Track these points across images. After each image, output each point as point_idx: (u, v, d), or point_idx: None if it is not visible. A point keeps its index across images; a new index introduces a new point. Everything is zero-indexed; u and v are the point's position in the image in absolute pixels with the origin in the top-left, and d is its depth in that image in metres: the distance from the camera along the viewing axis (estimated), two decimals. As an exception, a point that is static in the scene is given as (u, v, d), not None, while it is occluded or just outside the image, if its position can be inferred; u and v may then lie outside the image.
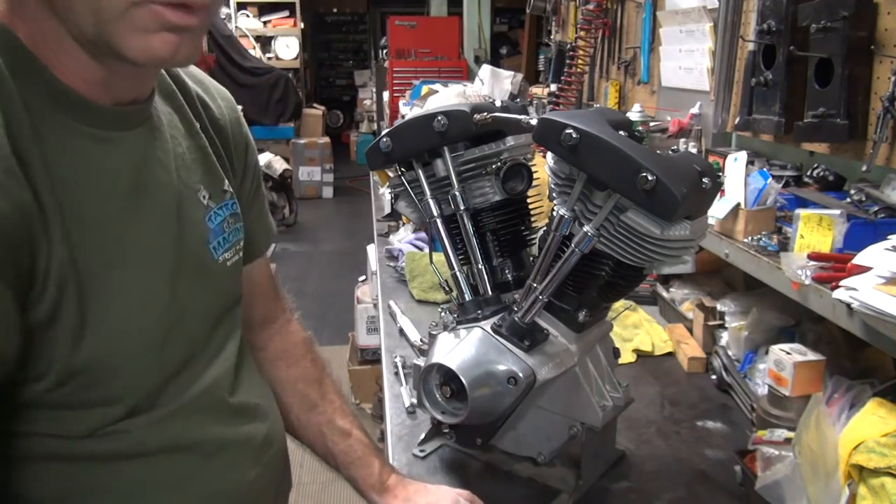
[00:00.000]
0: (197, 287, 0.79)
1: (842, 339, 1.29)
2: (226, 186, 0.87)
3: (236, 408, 0.86)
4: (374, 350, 3.15)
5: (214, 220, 0.83)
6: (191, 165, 0.81)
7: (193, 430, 0.80)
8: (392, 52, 5.96)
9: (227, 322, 0.87)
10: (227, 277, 0.86)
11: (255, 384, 0.93)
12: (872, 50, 1.20)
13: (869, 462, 0.84)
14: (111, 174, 0.70)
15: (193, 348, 0.80)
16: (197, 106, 0.86)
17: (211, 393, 0.82)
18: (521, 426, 1.08)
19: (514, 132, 1.10)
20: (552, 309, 1.03)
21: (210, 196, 0.83)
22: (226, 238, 0.85)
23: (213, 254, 0.83)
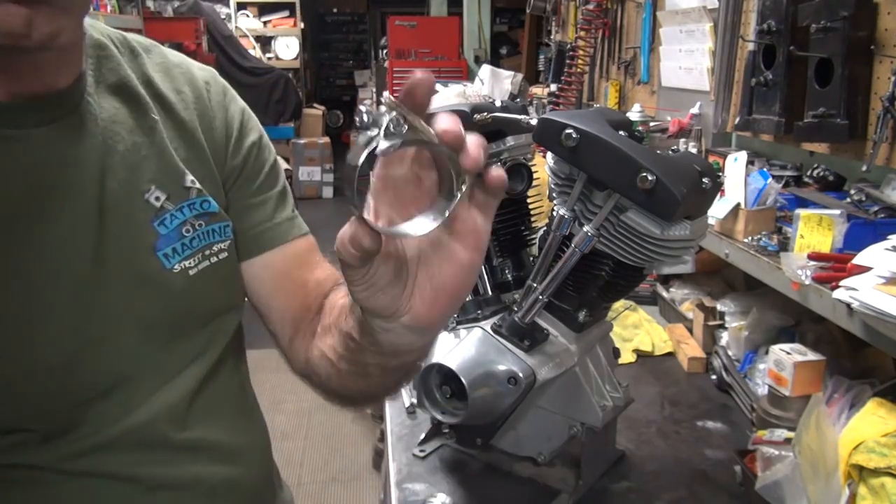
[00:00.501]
0: (133, 300, 0.71)
1: (842, 339, 1.29)
2: (188, 183, 0.76)
3: (185, 444, 0.75)
4: (374, 350, 3.14)
5: (170, 223, 0.74)
6: (138, 163, 0.73)
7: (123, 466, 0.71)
8: (392, 52, 5.96)
9: (195, 341, 0.77)
10: (187, 288, 0.75)
11: (228, 418, 0.80)
12: (872, 50, 1.20)
13: (869, 462, 0.84)
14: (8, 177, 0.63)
15: (125, 370, 0.71)
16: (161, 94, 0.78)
17: (149, 428, 0.72)
18: (521, 426, 1.08)
19: (514, 132, 1.09)
20: (552, 309, 1.03)
21: (168, 196, 0.74)
22: (186, 244, 0.75)
23: (164, 262, 0.73)
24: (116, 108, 0.73)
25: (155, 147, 0.75)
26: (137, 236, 0.72)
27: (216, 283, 0.78)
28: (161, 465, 0.73)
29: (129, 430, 0.70)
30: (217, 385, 0.80)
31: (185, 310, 0.76)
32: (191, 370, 0.76)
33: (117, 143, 0.71)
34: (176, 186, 0.75)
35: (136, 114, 0.75)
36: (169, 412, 0.74)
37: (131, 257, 0.71)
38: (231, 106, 0.85)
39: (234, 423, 0.82)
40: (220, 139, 0.82)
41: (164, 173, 0.75)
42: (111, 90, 0.73)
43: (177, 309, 0.75)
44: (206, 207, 0.78)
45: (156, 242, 0.73)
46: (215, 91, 0.84)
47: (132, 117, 0.74)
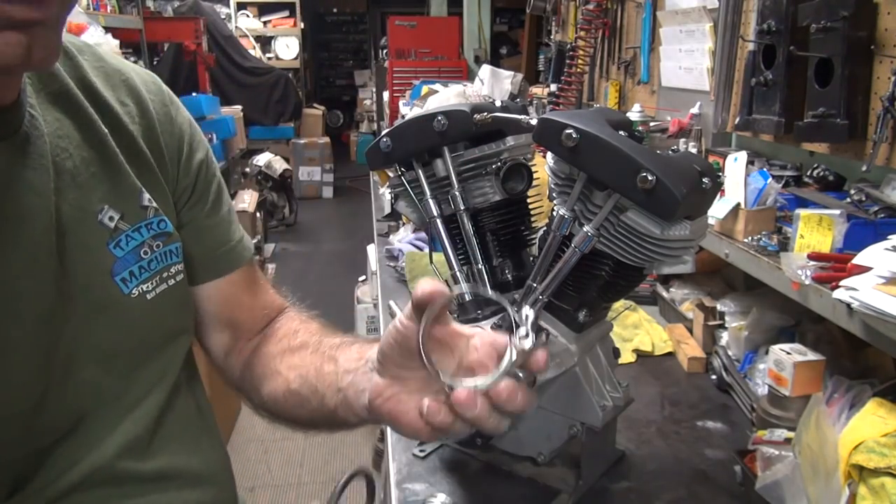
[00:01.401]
0: (96, 330, 0.67)
1: (842, 339, 1.29)
2: (145, 202, 0.72)
3: (154, 474, 0.72)
4: (374, 350, 3.14)
5: (126, 245, 0.69)
6: (88, 182, 0.67)
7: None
8: (392, 52, 5.96)
9: (151, 368, 0.73)
10: (147, 314, 0.71)
11: (193, 441, 0.78)
12: (872, 50, 1.20)
13: (869, 462, 0.84)
14: None
15: (91, 404, 0.67)
16: (107, 106, 0.72)
17: (117, 462, 0.68)
18: (521, 426, 1.08)
19: (514, 132, 1.09)
20: (552, 309, 1.03)
21: (122, 216, 0.69)
22: (143, 266, 0.71)
23: (123, 287, 0.69)
24: (59, 120, 0.67)
25: (107, 163, 0.69)
26: (93, 262, 0.67)
27: (172, 306, 0.75)
28: (131, 498, 0.70)
29: (95, 467, 0.67)
30: (177, 410, 0.77)
31: (144, 336, 0.72)
32: (151, 398, 0.73)
33: (65, 161, 0.66)
34: (132, 205, 0.71)
35: (82, 125, 0.69)
36: (133, 443, 0.70)
37: (89, 284, 0.67)
38: (177, 118, 0.80)
39: (196, 447, 0.79)
40: (171, 156, 0.78)
41: (118, 192, 0.70)
42: (52, 99, 0.67)
43: (136, 336, 0.71)
44: (163, 227, 0.74)
45: (113, 266, 0.68)
46: (159, 102, 0.78)
47: (77, 130, 0.68)
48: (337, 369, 0.75)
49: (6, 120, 0.61)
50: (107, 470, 0.68)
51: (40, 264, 0.62)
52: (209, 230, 0.83)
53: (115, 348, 0.69)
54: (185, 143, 0.80)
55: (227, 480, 0.82)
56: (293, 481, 2.91)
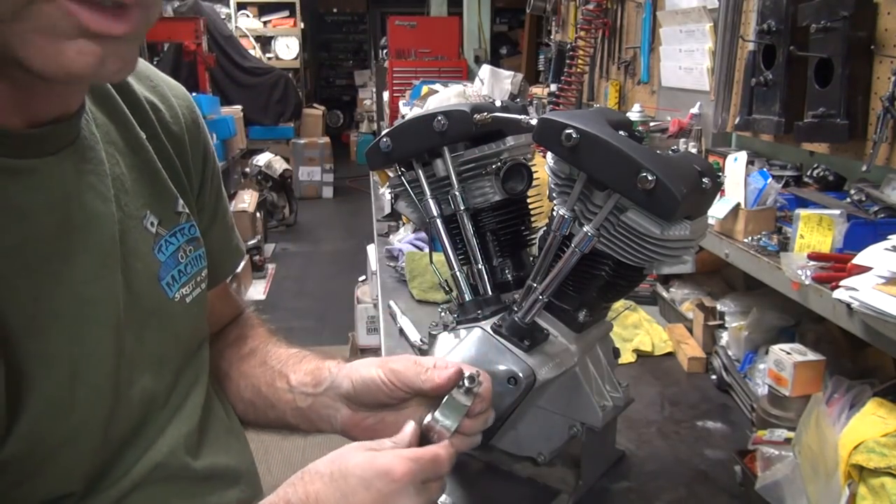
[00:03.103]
0: (149, 336, 0.67)
1: (842, 339, 1.29)
2: (180, 207, 0.73)
3: (203, 473, 0.73)
4: (375, 350, 3.14)
5: (166, 250, 0.70)
6: (133, 187, 0.67)
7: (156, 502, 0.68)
8: (392, 52, 5.96)
9: (190, 371, 0.74)
10: (186, 318, 0.72)
11: (225, 440, 0.79)
12: (872, 50, 1.20)
13: (869, 462, 0.84)
14: (30, 213, 0.56)
15: (148, 409, 0.68)
16: (144, 111, 0.72)
17: (171, 460, 0.69)
18: (521, 426, 1.08)
19: (514, 132, 1.09)
20: (552, 309, 1.03)
21: (160, 222, 0.70)
22: (182, 270, 0.71)
23: (167, 291, 0.69)
24: (106, 124, 0.67)
25: (147, 168, 0.70)
26: (145, 267, 0.68)
27: (203, 309, 0.76)
28: (186, 496, 0.71)
29: (154, 464, 0.68)
30: (214, 412, 0.79)
31: (186, 340, 0.74)
32: (192, 400, 0.74)
33: (115, 166, 0.66)
34: (168, 211, 0.71)
35: (123, 129, 0.68)
36: (184, 442, 0.71)
37: (144, 289, 0.67)
38: (202, 128, 0.81)
39: (233, 447, 0.80)
40: (196, 165, 0.79)
41: (158, 197, 0.70)
42: (98, 101, 0.66)
43: (180, 340, 0.73)
44: (193, 233, 0.74)
45: (159, 271, 0.69)
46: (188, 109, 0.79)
47: (119, 133, 0.68)
48: (290, 388, 0.81)
49: (72, 126, 0.61)
50: (164, 467, 0.68)
51: (108, 270, 0.63)
52: (216, 238, 0.84)
53: (164, 354, 0.70)
54: (208, 154, 0.81)
55: (257, 479, 0.83)
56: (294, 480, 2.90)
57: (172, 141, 0.75)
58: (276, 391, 0.83)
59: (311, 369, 0.82)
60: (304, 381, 0.81)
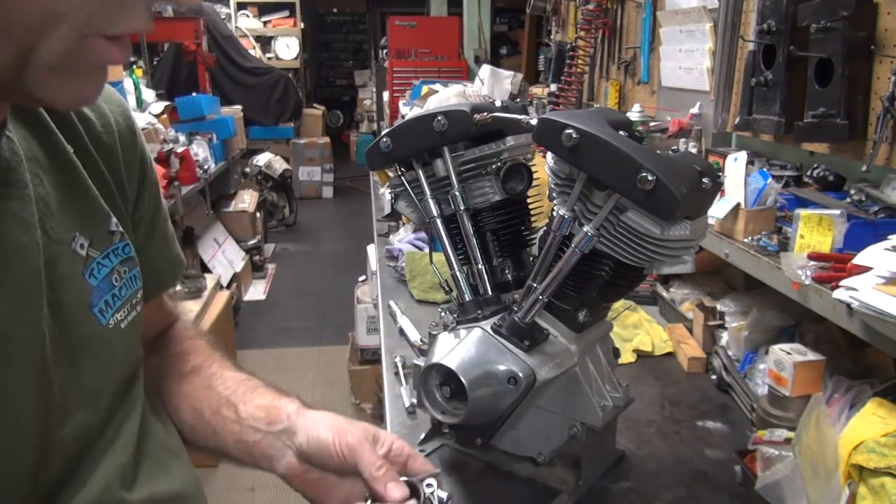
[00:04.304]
0: (83, 368, 0.62)
1: (842, 339, 1.29)
2: (112, 226, 0.67)
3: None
4: (374, 350, 3.15)
5: (98, 273, 0.64)
6: (59, 208, 0.61)
7: None
8: (392, 52, 5.96)
9: (125, 401, 0.69)
10: (121, 344, 0.67)
11: (165, 463, 0.74)
12: (872, 50, 1.20)
13: (869, 462, 0.84)
14: None
15: (83, 447, 0.63)
16: (71, 122, 0.66)
17: (105, 497, 0.64)
18: (521, 426, 1.08)
19: (514, 132, 1.09)
20: (552, 309, 1.03)
21: (91, 243, 0.63)
22: (116, 294, 0.66)
23: (101, 318, 0.64)
24: (28, 140, 0.60)
25: (74, 186, 0.64)
26: (75, 295, 0.62)
27: (138, 332, 0.72)
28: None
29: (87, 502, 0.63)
30: (151, 435, 0.74)
31: (121, 368, 0.69)
32: (127, 429, 0.69)
33: (38, 187, 0.59)
34: (100, 231, 0.65)
35: (45, 143, 0.62)
36: (119, 475, 0.66)
37: (73, 321, 0.61)
38: (138, 134, 0.75)
39: (174, 469, 0.75)
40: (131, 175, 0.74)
41: (88, 217, 0.65)
42: (17, 115, 0.60)
43: (116, 370, 0.68)
44: (128, 252, 0.69)
45: (91, 297, 0.63)
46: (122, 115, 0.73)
47: (43, 150, 0.62)
48: (238, 419, 0.77)
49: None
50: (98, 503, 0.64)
51: (31, 305, 0.57)
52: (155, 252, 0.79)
53: (99, 385, 0.65)
54: (144, 162, 0.76)
55: (202, 498, 0.78)
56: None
57: (103, 152, 0.69)
58: (222, 419, 0.78)
59: (267, 405, 0.77)
60: (255, 416, 0.77)
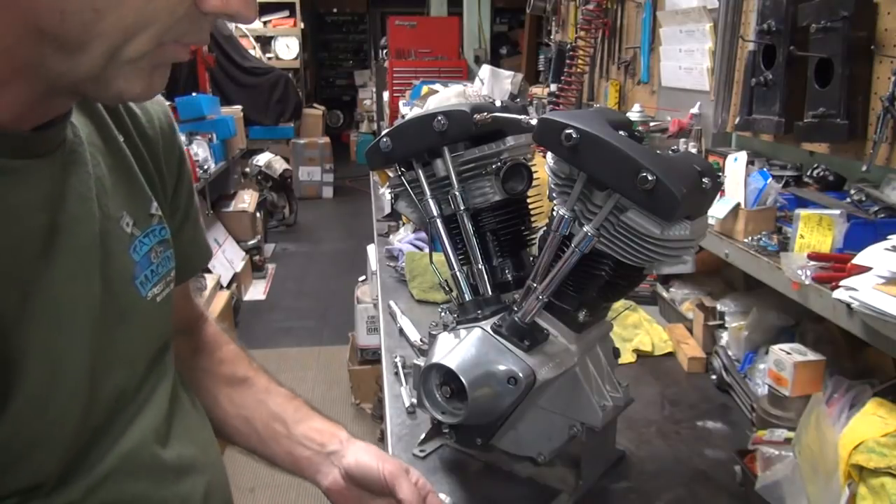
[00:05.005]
0: (124, 333, 0.69)
1: (842, 339, 1.29)
2: (153, 210, 0.75)
3: (171, 463, 0.75)
4: (374, 350, 3.15)
5: (140, 250, 0.72)
6: (112, 189, 0.69)
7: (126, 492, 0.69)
8: (392, 52, 5.96)
9: (158, 367, 0.77)
10: (157, 316, 0.75)
11: (191, 432, 0.81)
12: (872, 50, 1.20)
13: (869, 462, 0.84)
14: (20, 214, 0.58)
15: (118, 404, 0.70)
16: (121, 114, 0.74)
17: (141, 450, 0.71)
18: (521, 426, 1.08)
19: (514, 132, 1.09)
20: (552, 309, 1.03)
21: (135, 223, 0.71)
22: (154, 270, 0.74)
23: (140, 290, 0.71)
24: (87, 126, 0.69)
25: (124, 171, 0.72)
26: (121, 267, 0.69)
27: (171, 308, 0.79)
28: (156, 485, 0.72)
29: (124, 455, 0.69)
30: (181, 404, 0.82)
31: (156, 338, 0.76)
32: (160, 394, 0.76)
33: (96, 167, 0.67)
34: (143, 213, 0.73)
35: (102, 132, 0.70)
36: (153, 432, 0.73)
37: (121, 288, 0.69)
38: (176, 132, 0.83)
39: (200, 439, 0.83)
40: (170, 169, 0.82)
41: (134, 199, 0.72)
42: (78, 105, 0.67)
43: (151, 338, 0.75)
44: (164, 234, 0.76)
45: (133, 270, 0.71)
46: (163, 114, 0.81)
47: (99, 136, 0.70)
48: (289, 434, 0.89)
49: (61, 129, 0.63)
50: (134, 457, 0.70)
51: (88, 270, 0.64)
52: (187, 237, 0.86)
53: (135, 351, 0.72)
54: (182, 158, 0.84)
55: (222, 468, 0.86)
56: (293, 481, 2.90)
57: (147, 145, 0.77)
58: (274, 433, 0.90)
59: (322, 430, 0.89)
60: (309, 437, 0.89)
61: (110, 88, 0.56)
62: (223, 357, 0.95)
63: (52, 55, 0.53)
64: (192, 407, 0.85)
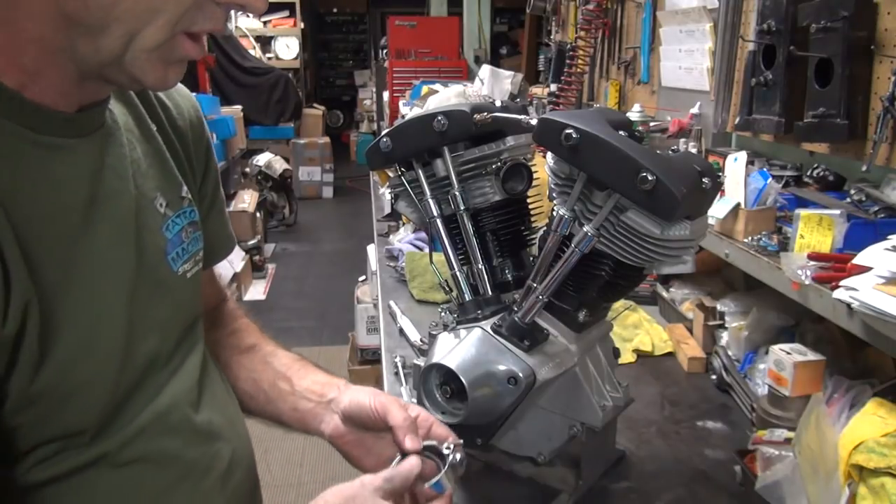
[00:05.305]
0: (156, 301, 0.76)
1: (842, 339, 1.29)
2: (184, 193, 0.82)
3: (202, 426, 0.81)
4: (374, 350, 3.15)
5: (172, 229, 0.79)
6: (147, 171, 0.77)
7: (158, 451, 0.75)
8: (392, 52, 5.96)
9: (189, 337, 0.84)
10: (187, 290, 0.81)
11: (220, 401, 0.87)
12: (872, 50, 1.20)
13: (869, 462, 0.84)
14: (66, 185, 0.66)
15: (151, 367, 0.76)
16: (154, 107, 0.82)
17: (173, 412, 0.77)
18: (521, 426, 1.08)
19: (514, 132, 1.09)
20: (552, 309, 1.03)
21: (167, 204, 0.79)
22: (185, 248, 0.81)
23: (172, 265, 0.78)
24: (125, 115, 0.76)
25: (158, 156, 0.79)
26: (155, 242, 0.76)
27: (199, 285, 0.86)
28: (187, 445, 0.78)
29: (158, 414, 0.75)
30: (210, 374, 0.87)
31: (186, 309, 0.83)
32: (191, 362, 0.83)
33: (133, 151, 0.75)
34: (175, 195, 0.80)
35: (137, 120, 0.78)
36: (186, 395, 0.80)
37: (154, 261, 0.76)
38: (204, 127, 0.91)
39: (228, 407, 0.89)
40: (199, 158, 0.89)
41: (166, 182, 0.79)
42: (117, 95, 0.76)
43: (182, 309, 0.81)
44: (194, 217, 0.83)
45: (166, 247, 0.78)
46: (192, 108, 0.89)
47: (135, 124, 0.77)
48: (293, 391, 0.92)
49: (101, 113, 0.71)
50: (166, 418, 0.76)
51: (123, 239, 0.71)
52: (213, 225, 0.92)
53: (167, 319, 0.78)
54: (209, 151, 0.91)
55: (248, 440, 0.91)
56: (293, 481, 2.91)
57: (178, 135, 0.84)
58: (279, 391, 0.93)
59: (322, 381, 0.93)
60: (310, 389, 0.92)
61: (129, 73, 0.63)
62: (235, 328, 1.00)
63: (79, 39, 0.61)
64: (220, 381, 0.91)
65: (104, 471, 0.71)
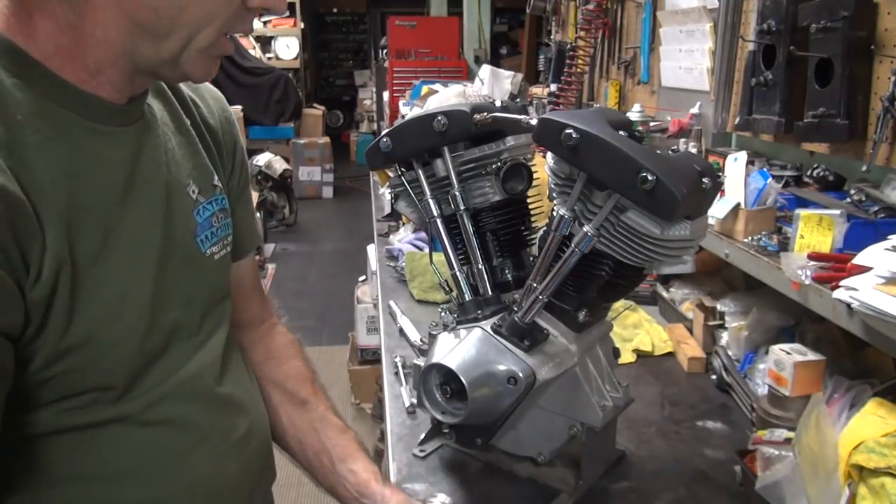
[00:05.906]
0: (183, 277, 0.82)
1: (842, 339, 1.29)
2: (215, 181, 0.90)
3: (224, 398, 0.88)
4: (374, 350, 3.15)
5: (203, 214, 0.86)
6: (180, 160, 0.84)
7: (180, 416, 0.82)
8: (392, 52, 5.96)
9: (215, 314, 0.90)
10: (214, 270, 0.88)
11: (241, 378, 0.94)
12: (872, 50, 1.20)
13: (869, 462, 0.84)
14: (109, 167, 0.74)
15: (177, 335, 0.82)
16: (188, 104, 0.90)
17: (197, 382, 0.84)
18: (521, 426, 1.08)
19: (514, 132, 1.09)
20: (552, 309, 1.03)
21: (199, 191, 0.86)
22: (214, 232, 0.88)
23: (201, 246, 0.86)
24: (161, 111, 0.84)
25: (190, 147, 0.87)
26: (185, 223, 0.83)
27: (227, 268, 0.93)
28: (207, 413, 0.85)
29: (182, 381, 0.82)
30: (232, 351, 0.94)
31: (212, 288, 0.89)
32: (216, 336, 0.89)
33: (167, 141, 0.83)
34: (206, 183, 0.88)
35: (172, 115, 0.86)
36: (210, 368, 0.86)
37: (183, 241, 0.83)
38: (234, 125, 0.98)
39: (246, 383, 0.95)
40: (228, 153, 0.96)
41: (199, 171, 0.87)
42: (155, 92, 0.84)
43: (208, 287, 0.88)
44: (223, 204, 0.90)
45: (195, 229, 0.85)
46: (221, 108, 0.96)
47: (171, 118, 0.86)
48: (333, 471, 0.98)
49: (141, 105, 0.79)
50: (190, 385, 0.83)
51: (156, 218, 0.79)
52: (241, 218, 0.98)
53: (192, 294, 0.85)
54: (238, 148, 0.99)
55: (265, 416, 0.98)
56: (293, 481, 2.91)
57: (209, 131, 0.92)
58: (321, 465, 1.00)
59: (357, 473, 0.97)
60: (349, 480, 0.97)
61: (180, 71, 0.73)
62: (289, 373, 1.05)
63: (143, 42, 0.69)
64: (242, 362, 0.97)
65: (129, 428, 0.78)
